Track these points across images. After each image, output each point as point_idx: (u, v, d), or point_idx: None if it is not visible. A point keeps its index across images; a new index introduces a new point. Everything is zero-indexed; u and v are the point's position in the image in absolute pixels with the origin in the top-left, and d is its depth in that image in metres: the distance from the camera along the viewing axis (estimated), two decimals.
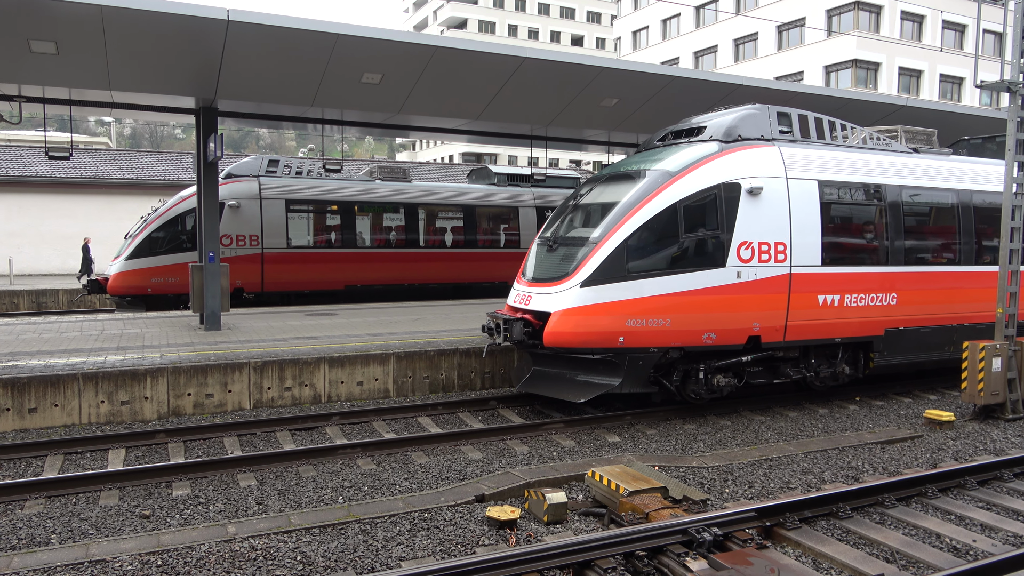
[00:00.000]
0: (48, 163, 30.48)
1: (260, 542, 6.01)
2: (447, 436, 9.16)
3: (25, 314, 21.71)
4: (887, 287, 11.04)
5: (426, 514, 6.68)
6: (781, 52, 40.46)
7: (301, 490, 7.44)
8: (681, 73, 15.08)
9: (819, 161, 10.70)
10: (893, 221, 11.26)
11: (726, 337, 9.85)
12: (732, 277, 9.67)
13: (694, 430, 9.91)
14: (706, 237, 9.68)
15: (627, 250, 9.34)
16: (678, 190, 9.58)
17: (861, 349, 11.26)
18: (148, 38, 10.85)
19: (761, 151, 10.27)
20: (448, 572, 5.13)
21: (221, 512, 6.89)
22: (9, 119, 14.03)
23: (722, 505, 7.05)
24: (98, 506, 6.99)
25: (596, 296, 9.23)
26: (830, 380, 11.18)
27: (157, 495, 7.30)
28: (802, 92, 15.33)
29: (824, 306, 10.43)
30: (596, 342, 9.33)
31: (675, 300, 9.43)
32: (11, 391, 9.44)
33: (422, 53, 12.11)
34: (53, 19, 10.06)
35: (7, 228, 30.67)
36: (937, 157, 12.37)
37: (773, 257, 9.94)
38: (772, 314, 10.02)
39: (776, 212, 10.04)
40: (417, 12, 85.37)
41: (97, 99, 13.30)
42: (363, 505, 6.88)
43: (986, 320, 11.90)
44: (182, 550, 5.85)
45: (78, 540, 6.25)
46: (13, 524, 6.56)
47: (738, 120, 10.50)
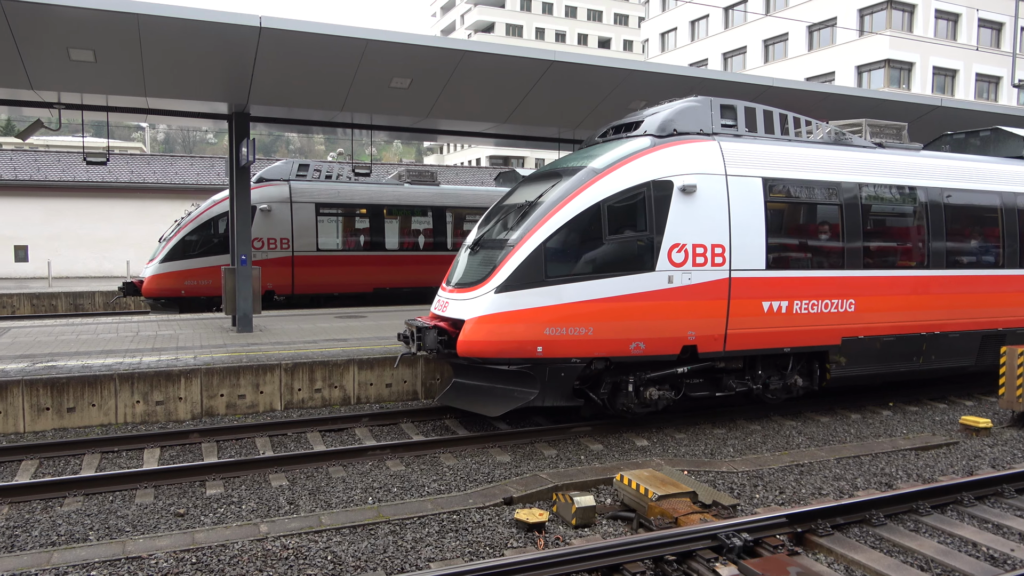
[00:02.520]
0: (85, 168, 31.20)
1: (291, 541, 6.09)
2: (475, 439, 9.19)
3: (63, 315, 22.23)
4: (844, 293, 10.21)
5: (455, 515, 6.71)
6: (812, 53, 39.99)
7: (331, 490, 7.52)
8: (710, 75, 14.99)
9: (765, 157, 9.92)
10: (850, 222, 10.38)
11: (657, 347, 9.14)
12: (663, 282, 9.00)
13: (723, 434, 9.82)
14: (633, 239, 9.01)
15: (545, 253, 8.71)
16: (602, 189, 8.95)
17: (816, 359, 10.45)
18: (183, 45, 11.05)
19: (697, 146, 9.54)
20: (477, 574, 5.16)
21: (253, 511, 6.99)
22: (49, 125, 14.39)
23: (752, 510, 6.99)
24: (134, 504, 7.14)
25: (511, 303, 8.63)
26: (782, 393, 10.41)
27: (191, 494, 7.43)
28: (834, 93, 15.14)
29: (770, 313, 9.66)
30: (512, 352, 8.69)
31: (598, 307, 8.77)
32: (51, 391, 9.67)
33: (450, 57, 12.19)
34: (91, 28, 10.30)
35: (46, 231, 31.44)
36: (903, 152, 11.43)
37: (710, 260, 9.24)
38: (709, 322, 9.31)
39: (713, 212, 9.33)
40: (444, 16, 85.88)
41: (133, 105, 13.58)
42: (392, 506, 6.93)
43: (961, 328, 11.28)
44: (216, 548, 5.95)
45: (115, 537, 6.39)
46: (53, 521, 6.72)
47: (675, 113, 9.78)
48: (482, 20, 74.84)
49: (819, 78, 38.35)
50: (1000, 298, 11.76)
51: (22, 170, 31.89)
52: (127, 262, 30.42)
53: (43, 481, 7.51)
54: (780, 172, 9.94)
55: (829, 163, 10.42)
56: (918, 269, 11.03)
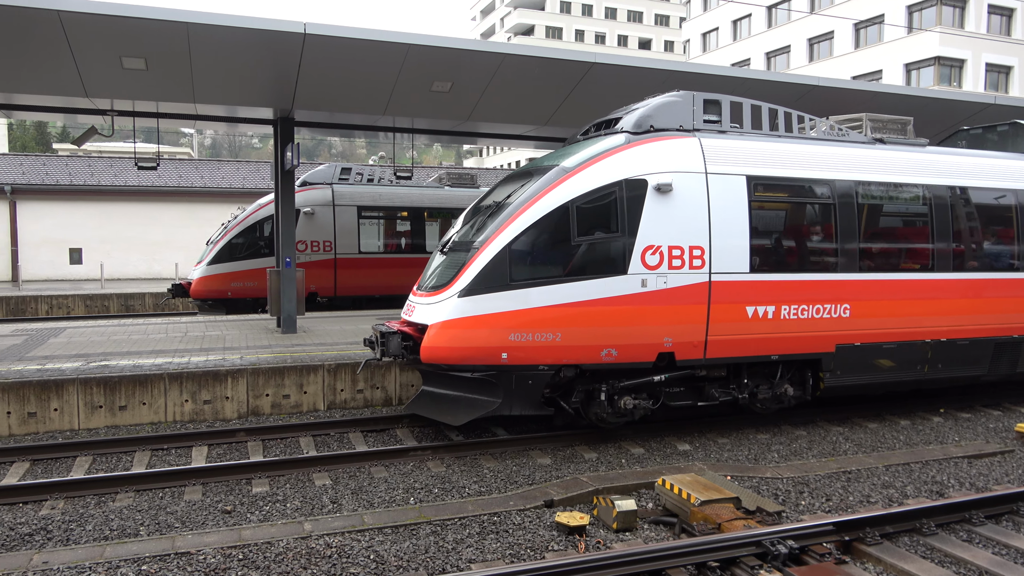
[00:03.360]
0: (136, 173, 32.13)
1: (335, 540, 6.18)
2: (516, 440, 9.20)
3: (115, 316, 22.90)
4: (838, 297, 9.57)
5: (495, 517, 6.73)
6: (858, 51, 39.14)
7: (373, 490, 7.61)
8: (753, 75, 14.79)
9: (750, 154, 9.34)
10: (844, 222, 9.73)
11: (630, 354, 8.66)
12: (636, 286, 8.51)
13: (768, 440, 9.67)
14: (604, 241, 8.56)
15: (510, 256, 8.34)
16: (570, 188, 8.52)
17: (808, 368, 9.85)
18: (230, 52, 11.32)
19: (674, 143, 9.01)
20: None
21: (298, 510, 7.11)
22: (102, 132, 14.86)
23: (798, 518, 6.86)
24: (183, 501, 7.32)
25: (475, 307, 8.30)
26: (771, 403, 9.85)
27: (238, 491, 7.58)
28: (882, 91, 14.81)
29: (755, 319, 9.10)
30: (476, 358, 8.35)
31: (566, 312, 8.34)
32: (104, 389, 9.97)
33: (490, 61, 12.25)
34: (143, 36, 10.61)
35: (99, 235, 32.42)
36: (906, 148, 10.69)
37: (687, 263, 8.73)
38: (687, 328, 8.81)
39: (691, 212, 8.80)
40: (484, 20, 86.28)
41: (182, 112, 13.95)
42: (434, 507, 6.98)
43: (972, 335, 10.52)
44: (261, 545, 6.06)
45: (165, 533, 6.55)
46: (106, 516, 6.93)
47: (652, 109, 9.29)
48: (522, 23, 75.00)
49: (866, 77, 37.51)
50: (1015, 303, 10.97)
51: (77, 175, 32.97)
52: (175, 264, 31.22)
53: (96, 477, 7.75)
54: (767, 170, 9.36)
55: (821, 160, 9.79)
56: (922, 272, 10.33)
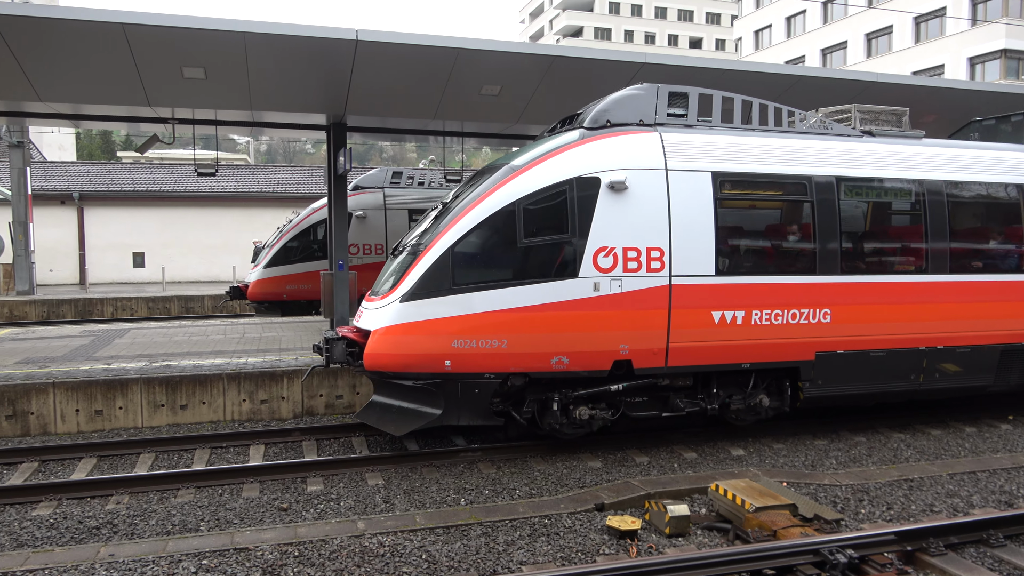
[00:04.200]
0: (195, 179, 33.11)
1: (388, 539, 6.25)
2: (566, 443, 9.16)
3: (176, 318, 23.64)
4: (816, 302, 8.94)
5: (546, 520, 6.72)
6: (919, 45, 37.92)
7: (425, 491, 7.68)
8: (808, 72, 14.48)
9: (717, 149, 8.78)
10: (824, 221, 9.07)
11: (583, 361, 8.23)
12: (588, 290, 8.05)
13: (825, 446, 9.43)
14: (552, 243, 8.15)
15: (452, 259, 8.00)
16: (517, 187, 8.13)
17: (786, 377, 9.24)
18: (285, 60, 11.58)
19: (631, 138, 8.52)
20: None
21: (352, 508, 7.22)
22: (164, 139, 15.36)
23: (857, 526, 6.67)
24: (241, 497, 7.50)
25: (416, 313, 7.97)
26: (747, 414, 9.27)
27: (293, 489, 7.74)
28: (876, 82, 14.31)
29: (722, 325, 8.55)
30: (419, 366, 8.03)
31: (512, 317, 7.94)
32: (166, 389, 10.31)
33: (539, 63, 12.25)
34: (203, 46, 10.94)
35: (160, 239, 33.52)
36: (896, 141, 9.89)
37: (645, 265, 8.22)
38: (646, 334, 8.31)
39: (649, 211, 8.30)
40: (533, 23, 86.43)
41: (239, 119, 14.33)
42: (484, 508, 7.01)
43: (973, 341, 9.73)
44: (316, 542, 6.17)
45: (224, 528, 6.74)
46: (168, 511, 7.15)
47: (610, 103, 8.83)
48: (570, 25, 74.88)
49: (926, 72, 36.31)
50: None
51: (139, 182, 34.15)
52: (233, 267, 32.06)
53: (159, 474, 8.01)
54: (735, 165, 8.79)
55: (797, 154, 9.14)
56: (915, 275, 9.57)
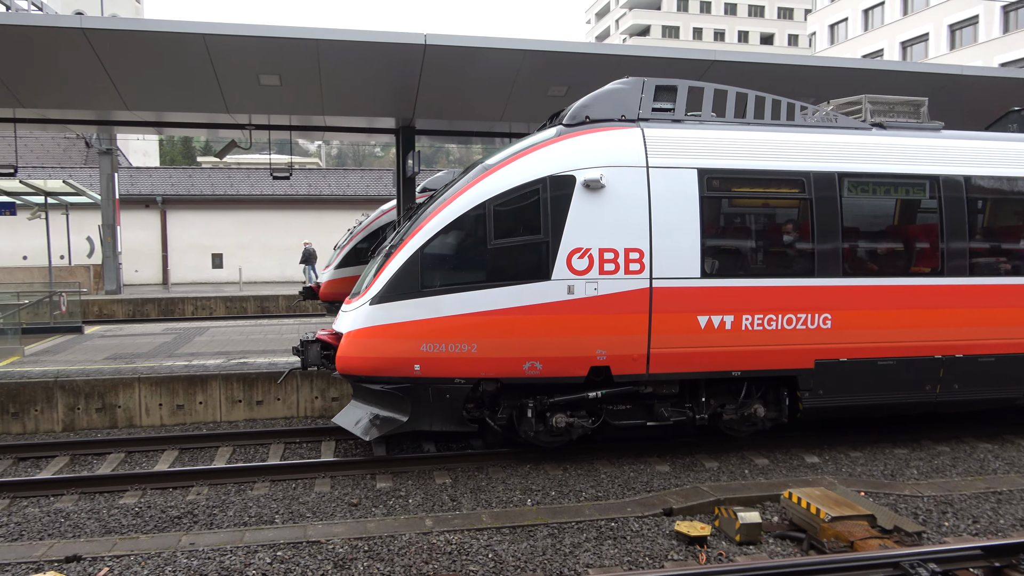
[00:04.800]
0: (271, 182, 34.22)
1: (455, 537, 6.31)
2: (633, 447, 9.08)
3: (252, 317, 24.45)
4: (815, 306, 8.36)
5: (612, 523, 6.66)
6: (1008, 35, 36.00)
7: (491, 490, 7.72)
8: (886, 66, 13.93)
9: (704, 144, 8.30)
10: (824, 219, 8.49)
11: (557, 367, 7.90)
12: (561, 293, 7.73)
13: (906, 455, 9.05)
14: (524, 244, 7.86)
15: (421, 261, 7.82)
16: (488, 187, 7.89)
17: (783, 386, 8.71)
18: (356, 66, 11.86)
19: (610, 134, 8.13)
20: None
21: (419, 506, 7.33)
22: (241, 145, 15.94)
23: (940, 539, 6.38)
24: (314, 492, 7.71)
25: (385, 315, 7.83)
26: (741, 425, 8.79)
27: (363, 485, 7.91)
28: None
29: (709, 330, 8.08)
30: (388, 370, 7.89)
31: (482, 321, 7.72)
32: (243, 385, 10.68)
33: (606, 63, 12.18)
34: (279, 54, 11.31)
35: (238, 240, 34.78)
36: (910, 133, 9.16)
37: (623, 267, 7.83)
38: (625, 339, 7.92)
39: (627, 210, 7.90)
40: (599, 23, 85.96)
41: (312, 124, 14.75)
42: (550, 509, 7.00)
43: (999, 350, 8.91)
44: (385, 538, 6.28)
45: (297, 521, 6.93)
46: (245, 503, 7.41)
47: (591, 98, 8.50)
48: (637, 24, 74.14)
49: (1017, 64, 34.44)
50: None
51: (218, 186, 35.53)
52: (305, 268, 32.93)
53: (236, 467, 8.31)
54: (724, 162, 8.29)
55: (793, 149, 8.56)
56: (929, 277, 8.83)
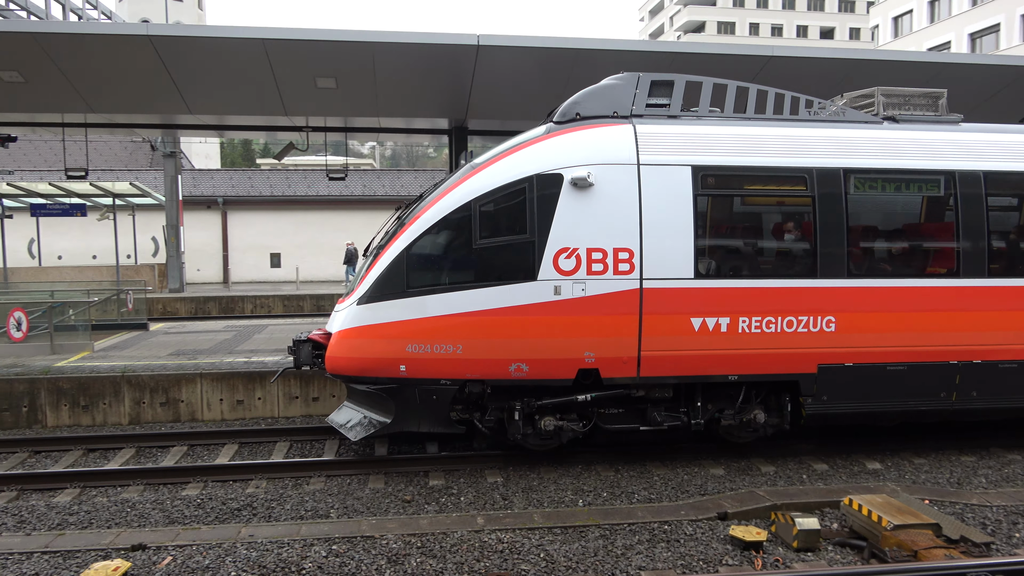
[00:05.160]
0: (327, 183, 34.89)
1: (506, 536, 6.33)
2: (687, 449, 8.96)
3: (308, 315, 24.97)
4: (818, 308, 8.03)
5: (666, 526, 6.58)
6: None
7: (543, 490, 7.72)
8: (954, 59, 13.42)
9: (699, 141, 8.05)
10: (828, 218, 8.13)
11: (544, 369, 7.78)
12: (548, 293, 7.60)
13: (973, 463, 8.70)
14: (509, 243, 7.73)
15: (407, 261, 7.78)
16: (474, 186, 7.81)
17: (785, 391, 8.42)
18: (410, 67, 12.00)
19: (600, 131, 7.96)
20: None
21: (471, 504, 7.37)
22: (299, 146, 16.28)
23: (1011, 551, 6.11)
24: (368, 488, 7.83)
25: (372, 316, 7.81)
26: (740, 431, 8.54)
27: (416, 482, 7.99)
28: None
29: (704, 333, 7.83)
30: (374, 370, 7.88)
31: (467, 321, 7.63)
32: (300, 381, 10.91)
33: (659, 60, 12.04)
34: (335, 58, 11.51)
35: (295, 240, 35.56)
36: (923, 127, 8.68)
37: (612, 267, 7.67)
38: (614, 341, 7.74)
39: (617, 209, 7.73)
40: (653, 20, 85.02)
41: (367, 125, 14.96)
42: (603, 510, 6.96)
43: (1018, 356, 8.41)
44: (438, 535, 6.34)
45: (352, 516, 7.05)
46: (301, 497, 7.57)
47: (583, 95, 8.29)
48: (692, 20, 73.08)
49: None
50: None
51: (276, 187, 36.38)
52: None
53: (294, 461, 8.50)
54: (720, 158, 8.03)
55: (795, 144, 8.24)
56: (944, 278, 8.37)
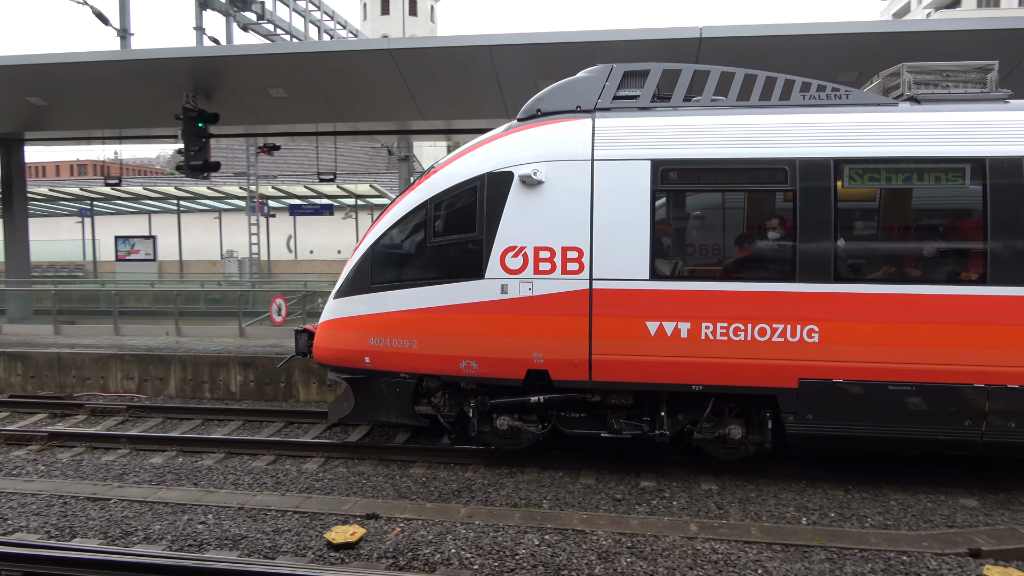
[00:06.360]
0: None
1: (721, 546, 6.09)
2: (931, 475, 8.02)
3: None
4: (797, 315, 7.15)
5: (904, 556, 5.94)
6: None
7: (761, 503, 7.32)
8: None
9: (661, 133, 7.46)
10: (813, 213, 7.19)
11: (493, 368, 7.71)
12: (494, 292, 7.54)
13: None
14: (459, 242, 7.78)
15: (372, 257, 8.14)
16: (432, 185, 7.95)
17: (764, 405, 7.59)
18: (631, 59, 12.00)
19: (552, 127, 7.66)
20: None
21: (684, 509, 7.18)
22: None
23: None
24: (579, 483, 7.93)
25: (344, 309, 8.28)
26: (717, 447, 7.85)
27: (627, 482, 7.95)
28: None
29: (661, 338, 7.30)
30: (345, 360, 8.34)
31: (420, 317, 7.80)
32: None
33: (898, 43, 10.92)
34: (555, 59, 11.80)
35: None
36: (955, 108, 7.27)
37: (560, 267, 7.43)
38: (563, 343, 7.46)
39: (566, 207, 7.46)
40: None
41: None
42: (829, 532, 6.46)
43: None
44: (648, 537, 6.25)
45: (563, 508, 7.19)
46: (516, 486, 7.87)
47: (549, 90, 8.02)
48: None
49: None
50: None
51: None
52: None
53: (506, 451, 8.78)
54: (684, 151, 7.40)
55: (776, 133, 7.35)
56: (966, 285, 7.04)
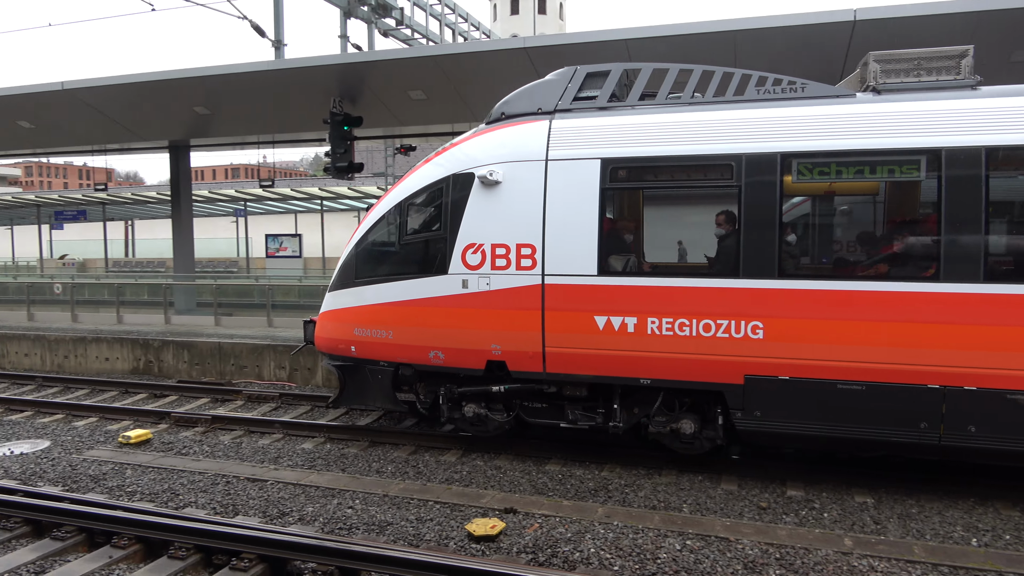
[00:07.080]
0: None
1: (879, 564, 5.70)
2: None
3: None
4: (740, 311, 7.12)
5: None
6: None
7: (924, 520, 6.77)
8: None
9: (612, 132, 7.64)
10: (755, 208, 7.14)
11: (456, 358, 8.19)
12: (456, 287, 8.02)
13: None
14: (426, 239, 8.34)
15: (356, 254, 8.80)
16: (407, 185, 8.52)
17: (714, 401, 7.63)
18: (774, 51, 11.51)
19: (511, 130, 8.04)
20: None
21: (836, 523, 6.76)
22: None
23: None
24: (720, 488, 7.66)
25: (335, 302, 8.97)
26: (672, 441, 8.00)
27: (771, 490, 7.60)
28: None
29: (609, 332, 7.53)
30: (336, 349, 9.04)
31: (395, 310, 8.41)
32: None
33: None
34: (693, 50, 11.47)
35: None
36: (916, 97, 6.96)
37: (514, 263, 7.82)
38: (518, 335, 7.86)
39: (521, 205, 7.81)
40: None
41: None
42: (1004, 555, 5.90)
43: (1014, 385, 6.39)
44: (799, 549, 5.96)
45: (704, 514, 6.97)
46: (654, 487, 7.70)
47: (514, 94, 8.38)
48: None
49: None
50: None
51: None
52: None
53: (646, 453, 8.65)
54: (633, 149, 7.54)
55: (723, 129, 7.31)
56: (918, 282, 6.75)
